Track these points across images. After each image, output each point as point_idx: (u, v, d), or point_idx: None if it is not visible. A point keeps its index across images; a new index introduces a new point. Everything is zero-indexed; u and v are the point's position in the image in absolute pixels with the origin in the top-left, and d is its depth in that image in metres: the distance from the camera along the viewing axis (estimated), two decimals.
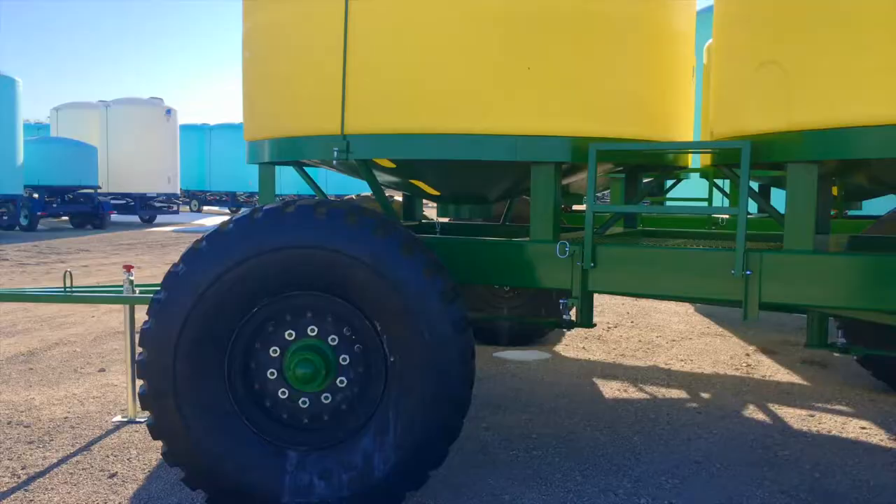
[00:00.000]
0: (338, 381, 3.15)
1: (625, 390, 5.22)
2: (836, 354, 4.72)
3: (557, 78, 3.30)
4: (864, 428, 4.43)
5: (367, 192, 7.28)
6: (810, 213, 2.94)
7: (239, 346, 3.12)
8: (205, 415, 3.05)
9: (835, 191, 6.19)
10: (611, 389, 5.24)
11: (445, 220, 4.86)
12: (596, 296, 7.31)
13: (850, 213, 6.75)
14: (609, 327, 7.55)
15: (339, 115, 3.40)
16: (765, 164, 3.24)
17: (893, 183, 3.37)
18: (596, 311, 8.35)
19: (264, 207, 3.12)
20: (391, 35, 3.34)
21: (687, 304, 8.58)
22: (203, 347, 3.04)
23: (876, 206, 7.06)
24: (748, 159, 2.98)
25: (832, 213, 6.45)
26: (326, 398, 3.15)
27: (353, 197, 6.23)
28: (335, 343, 3.15)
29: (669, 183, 8.23)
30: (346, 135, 3.41)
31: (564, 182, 4.99)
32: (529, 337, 6.58)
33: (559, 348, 6.53)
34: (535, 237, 3.45)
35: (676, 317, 8.17)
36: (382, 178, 4.05)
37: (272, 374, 3.15)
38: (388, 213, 3.67)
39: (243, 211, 3.15)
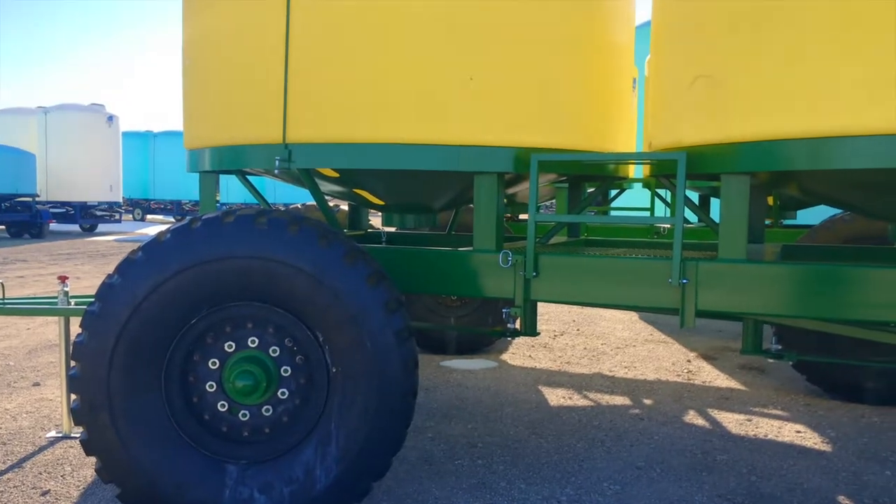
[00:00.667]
0: (279, 393, 3.11)
1: (570, 398, 5.28)
2: (770, 360, 4.86)
3: (499, 89, 3.34)
4: (798, 432, 4.56)
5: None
6: (743, 223, 3.03)
7: (177, 359, 3.05)
8: (141, 429, 2.98)
9: (770, 201, 6.39)
10: (556, 397, 5.29)
11: (392, 229, 4.86)
12: (542, 304, 7.36)
13: (786, 222, 6.96)
14: (555, 335, 7.63)
15: (280, 124, 3.37)
16: (701, 174, 3.32)
17: (822, 194, 3.48)
18: (542, 319, 8.46)
19: (203, 217, 3.07)
20: (333, 44, 3.33)
21: (631, 312, 8.73)
22: (139, 360, 2.97)
23: (810, 216, 7.29)
24: (684, 170, 3.06)
25: (768, 222, 6.66)
26: (267, 410, 3.11)
27: (300, 206, 6.18)
28: (277, 354, 3.12)
29: (614, 193, 8.38)
30: (288, 144, 3.39)
31: (510, 191, 5.04)
32: (476, 346, 6.60)
33: (506, 356, 6.57)
34: (478, 247, 3.47)
35: (621, 324, 8.30)
36: (326, 187, 4.03)
37: (211, 386, 3.09)
38: (332, 222, 3.65)
39: (182, 220, 3.09)
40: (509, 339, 6.72)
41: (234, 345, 3.10)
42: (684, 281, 3.06)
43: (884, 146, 2.62)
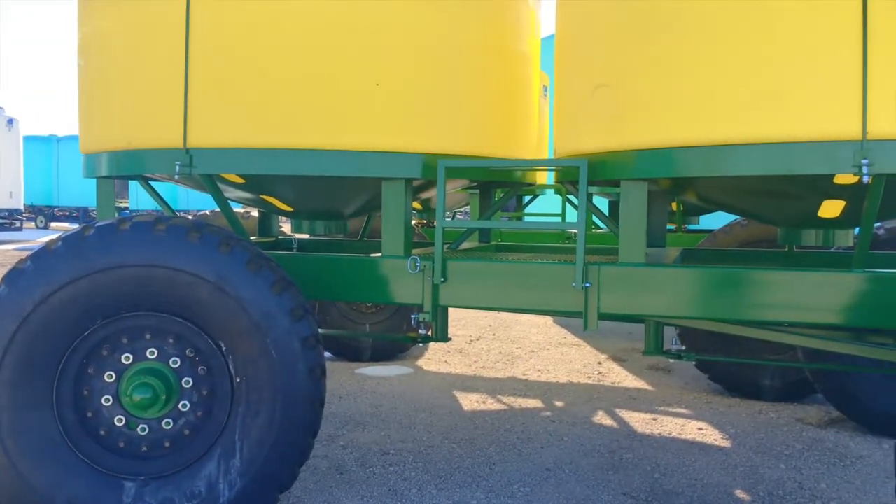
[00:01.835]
0: (180, 406, 3.02)
1: (483, 402, 5.32)
2: (671, 360, 5.03)
3: (407, 95, 3.35)
4: (700, 429, 4.73)
5: (235, 208, 7.08)
6: (642, 228, 3.12)
7: (69, 372, 2.93)
8: (30, 446, 2.84)
9: (674, 206, 6.62)
10: (470, 402, 5.32)
11: (305, 236, 4.80)
12: (459, 309, 7.38)
13: (689, 227, 7.22)
14: (471, 340, 7.69)
15: (181, 128, 3.28)
16: (603, 181, 3.41)
17: (717, 200, 3.63)
18: (459, 324, 8.51)
19: (97, 224, 2.95)
20: (237, 45, 3.27)
21: (546, 316, 8.88)
22: (28, 374, 2.83)
23: (712, 221, 7.58)
24: (586, 177, 3.13)
25: (672, 227, 6.90)
26: (168, 424, 3.02)
27: (208, 213, 6.02)
28: (177, 365, 3.02)
29: (528, 199, 8.53)
30: (189, 148, 3.30)
31: (424, 196, 5.05)
32: (392, 352, 6.58)
33: (421, 362, 6.58)
34: (387, 253, 3.46)
35: (536, 328, 8.43)
36: (232, 193, 3.94)
37: (107, 400, 2.98)
38: (236, 228, 3.57)
39: (74, 228, 2.97)
40: (422, 344, 6.72)
41: (131, 356, 3.00)
42: (587, 285, 3.13)
43: (771, 154, 2.75)
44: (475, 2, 3.51)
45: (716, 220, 7.08)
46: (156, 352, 3.01)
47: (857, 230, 3.47)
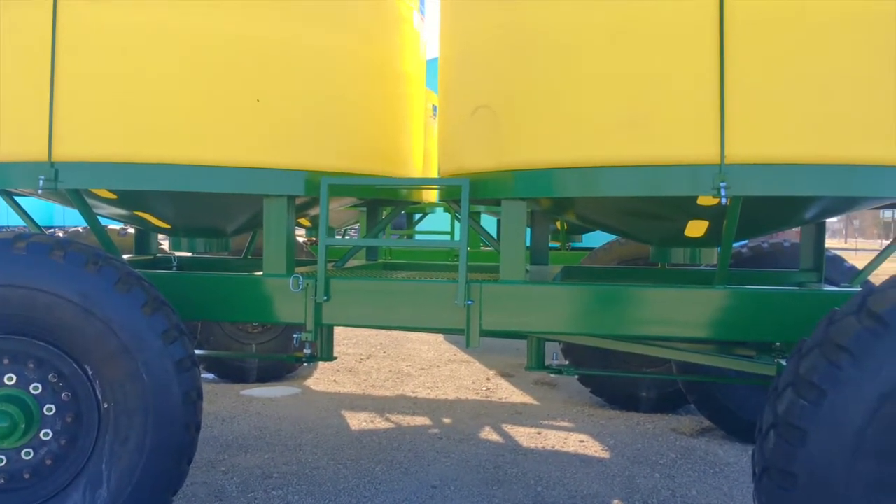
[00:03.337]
0: (41, 434, 2.84)
1: (372, 421, 5.28)
2: (551, 375, 5.17)
3: (288, 112, 3.31)
4: (582, 441, 4.87)
5: (112, 224, 6.75)
6: (521, 246, 3.20)
7: None
8: None
9: (559, 225, 6.83)
10: (358, 421, 5.27)
11: (188, 254, 4.64)
12: (350, 327, 7.29)
13: (573, 245, 7.46)
14: (361, 359, 7.62)
15: (45, 140, 3.11)
16: (484, 200, 3.48)
17: (594, 220, 3.77)
18: (349, 342, 8.43)
19: None
20: (108, 55, 3.14)
21: (437, 333, 8.93)
22: None
23: (596, 239, 7.87)
24: (467, 196, 3.18)
25: (557, 245, 7.11)
26: (28, 454, 2.83)
27: (80, 230, 5.72)
28: (38, 392, 2.85)
29: (418, 216, 8.58)
30: (55, 162, 3.13)
31: (313, 213, 4.98)
32: (279, 373, 6.44)
33: (310, 382, 6.46)
34: (269, 271, 3.39)
35: (427, 345, 8.45)
36: (104, 209, 3.77)
37: None
38: (107, 246, 3.41)
39: None
40: (307, 364, 6.61)
41: None
42: (469, 302, 3.17)
43: (640, 176, 2.88)
44: (358, 21, 3.52)
45: (598, 238, 7.35)
46: (14, 377, 2.82)
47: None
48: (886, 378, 2.16)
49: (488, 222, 8.11)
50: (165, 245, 5.26)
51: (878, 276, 3.63)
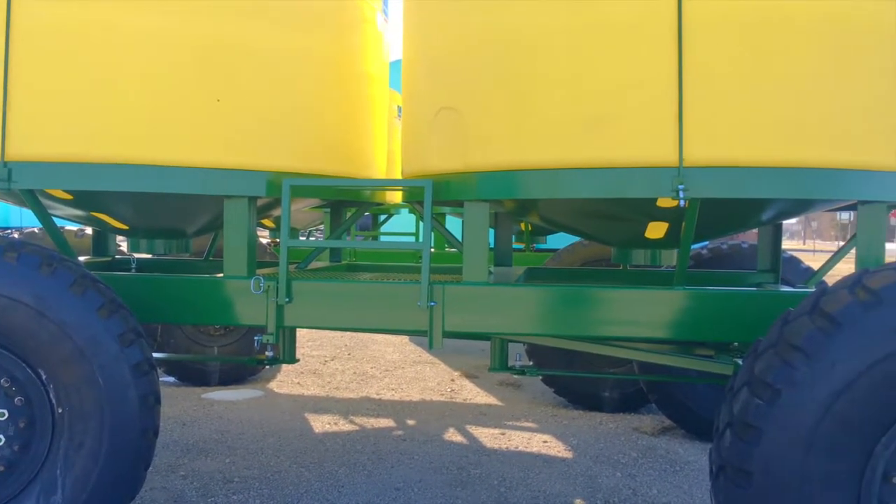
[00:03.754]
0: None
1: (335, 423, 5.25)
2: (515, 376, 5.19)
3: (250, 112, 3.27)
4: (545, 442, 4.90)
5: (69, 226, 6.61)
6: (484, 248, 3.20)
7: None
8: None
9: (523, 226, 6.86)
10: (321, 424, 5.23)
11: (148, 255, 4.56)
12: (315, 329, 7.23)
13: (537, 246, 7.50)
14: (326, 360, 7.58)
15: None
16: (447, 201, 3.48)
17: (557, 221, 3.79)
18: (314, 344, 8.37)
19: None
20: (64, 55, 3.08)
21: (402, 335, 8.91)
22: None
23: (560, 240, 7.92)
24: (430, 197, 3.18)
25: (521, 246, 7.14)
26: None
27: (36, 230, 5.60)
28: None
29: (384, 217, 8.56)
30: (8, 161, 3.06)
31: (277, 214, 4.93)
32: (242, 375, 6.37)
33: (273, 385, 6.40)
34: (229, 273, 3.35)
35: (392, 347, 8.43)
36: (60, 210, 3.69)
37: None
38: (62, 248, 3.34)
39: None
40: (269, 367, 6.56)
41: None
42: (432, 304, 3.16)
43: (601, 178, 2.91)
44: (321, 22, 3.50)
45: (562, 240, 7.40)
46: None
47: None
48: (838, 376, 2.20)
49: (453, 224, 8.12)
50: (125, 247, 5.18)
51: (833, 277, 3.71)
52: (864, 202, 3.00)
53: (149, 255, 4.49)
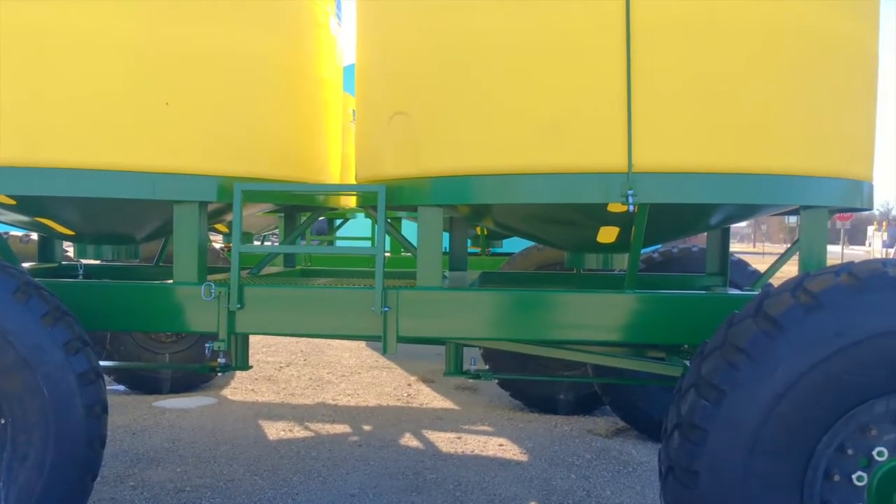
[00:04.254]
0: None
1: (290, 430, 5.20)
2: (471, 380, 5.21)
3: (200, 116, 3.23)
4: (501, 445, 4.92)
5: (13, 231, 6.42)
6: (438, 252, 3.21)
7: None
8: None
9: (479, 231, 6.89)
10: (276, 431, 5.18)
11: (97, 261, 4.46)
12: (270, 335, 7.13)
13: (493, 250, 7.54)
14: (281, 367, 7.50)
15: None
16: (401, 206, 3.47)
17: (511, 226, 3.82)
18: (269, 350, 8.29)
19: None
20: (5, 51, 3.00)
21: (357, 340, 8.86)
22: None
23: (515, 244, 7.97)
24: (384, 202, 3.18)
25: (477, 251, 7.17)
26: None
27: None
28: None
29: (339, 222, 8.51)
30: None
31: (231, 219, 4.86)
32: (194, 383, 6.26)
33: (227, 392, 6.32)
34: (179, 279, 3.30)
35: (349, 352, 8.38)
36: (4, 215, 3.59)
37: None
38: (5, 254, 3.25)
39: None
40: (220, 374, 6.46)
41: None
42: (386, 309, 3.16)
43: (553, 184, 2.94)
44: (273, 25, 3.47)
45: (519, 244, 7.45)
46: None
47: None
48: (780, 378, 2.26)
49: (410, 228, 8.11)
50: (73, 252, 5.06)
51: (779, 279, 3.80)
52: (807, 207, 3.09)
53: (97, 261, 4.40)
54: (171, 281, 3.34)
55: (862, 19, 3.14)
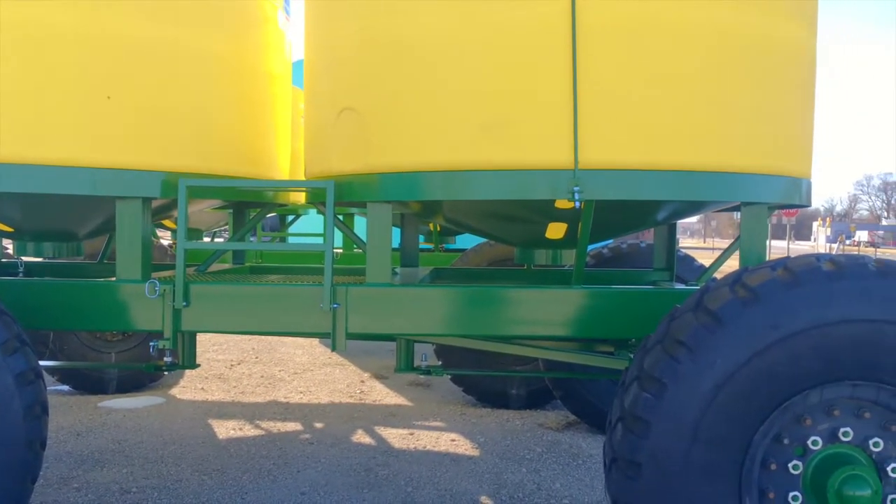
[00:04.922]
0: None
1: (240, 429, 5.14)
2: (423, 376, 5.22)
3: (142, 110, 3.16)
4: (453, 440, 4.94)
5: None
6: (387, 249, 3.20)
7: None
8: None
9: (432, 227, 6.90)
10: (225, 430, 5.11)
11: (40, 259, 4.34)
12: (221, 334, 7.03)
13: (447, 246, 7.56)
14: (232, 364, 7.40)
15: None
16: (350, 202, 3.46)
17: (460, 222, 3.82)
18: (220, 347, 8.17)
19: None
20: None
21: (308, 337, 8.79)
22: None
23: (469, 240, 7.99)
24: (332, 198, 3.16)
25: (430, 246, 7.18)
26: None
27: None
28: None
29: (291, 218, 8.43)
30: None
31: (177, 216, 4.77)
32: (141, 382, 6.14)
33: (175, 391, 6.21)
34: (122, 276, 3.23)
35: (301, 349, 8.32)
36: None
37: None
38: None
39: None
40: (167, 373, 6.35)
41: None
42: (335, 306, 3.14)
43: (502, 180, 2.96)
44: (218, 19, 3.41)
45: (472, 240, 7.47)
46: None
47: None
48: (719, 370, 2.32)
49: (363, 224, 8.08)
50: (12, 249, 4.91)
51: (723, 273, 3.89)
52: (747, 203, 3.16)
53: (38, 259, 4.29)
54: (114, 278, 3.27)
55: (801, 22, 3.23)
